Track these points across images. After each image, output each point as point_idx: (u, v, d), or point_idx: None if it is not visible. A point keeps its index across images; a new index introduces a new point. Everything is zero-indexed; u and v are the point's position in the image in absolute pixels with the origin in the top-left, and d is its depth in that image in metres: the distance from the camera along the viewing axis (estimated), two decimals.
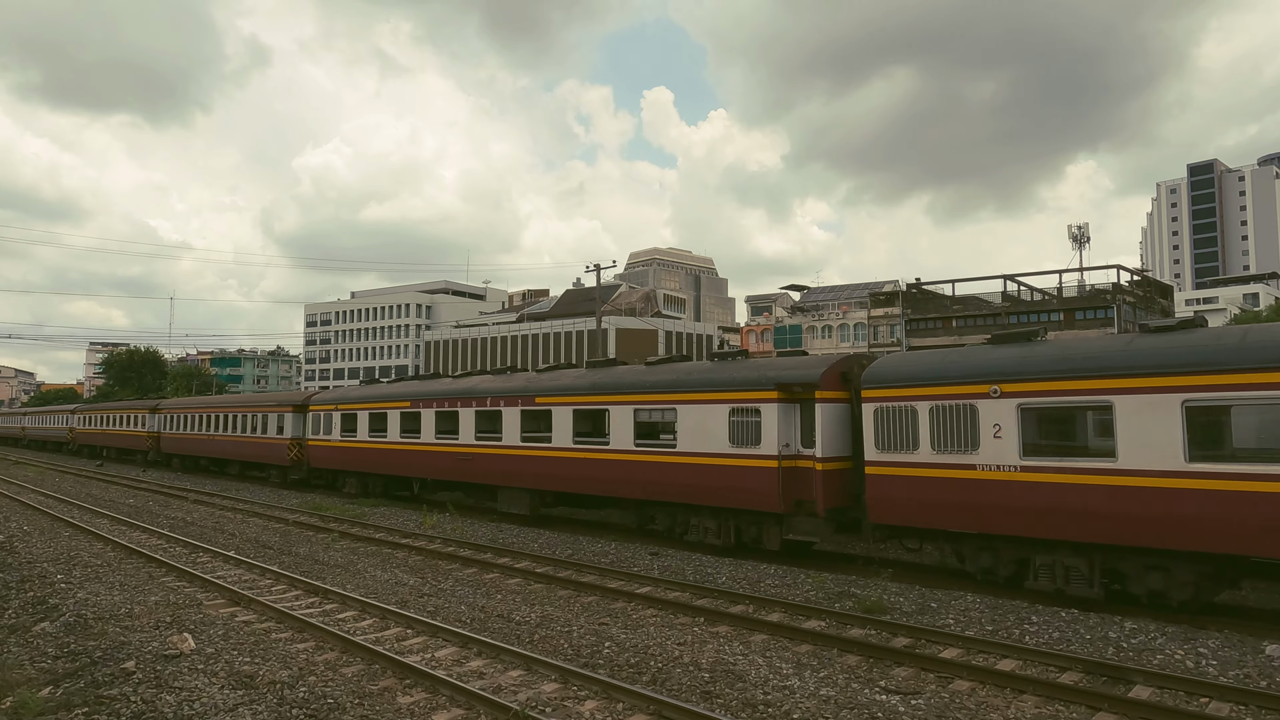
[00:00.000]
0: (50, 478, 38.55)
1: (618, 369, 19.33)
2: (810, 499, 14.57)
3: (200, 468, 40.48)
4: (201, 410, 38.06)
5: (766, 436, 14.92)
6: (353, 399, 27.20)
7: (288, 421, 30.48)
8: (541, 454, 19.60)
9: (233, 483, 34.10)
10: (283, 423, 30.77)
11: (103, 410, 52.01)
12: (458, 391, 22.57)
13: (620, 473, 17.59)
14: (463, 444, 21.93)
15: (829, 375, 14.59)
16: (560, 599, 12.70)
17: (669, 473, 16.64)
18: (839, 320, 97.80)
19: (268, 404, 32.19)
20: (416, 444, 23.69)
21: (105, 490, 31.82)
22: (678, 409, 16.57)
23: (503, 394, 20.95)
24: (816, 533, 14.47)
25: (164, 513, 24.15)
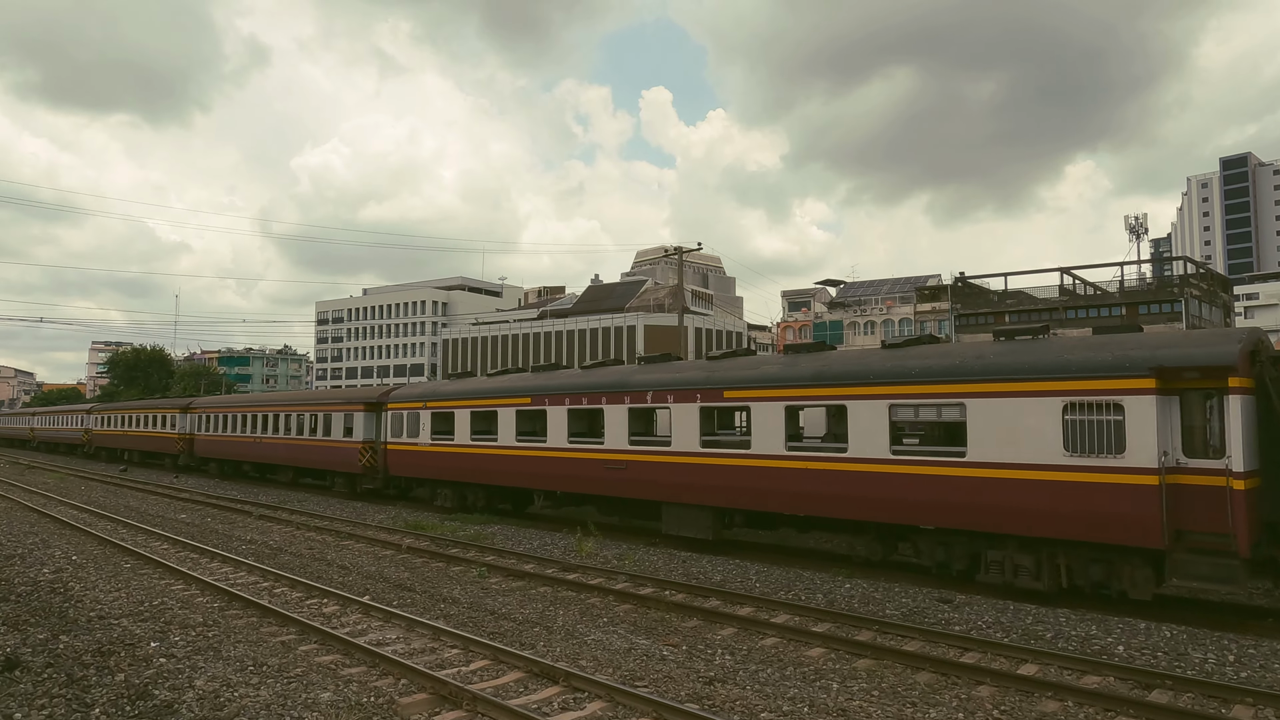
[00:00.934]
0: (74, 485, 34.25)
1: (851, 352, 15.09)
2: (1203, 530, 10.34)
3: (242, 474, 36.19)
4: (246, 409, 33.75)
5: (1136, 441, 10.68)
6: (447, 395, 22.92)
7: (359, 422, 26.20)
8: (733, 463, 15.36)
9: (289, 492, 29.81)
10: (353, 423, 26.48)
11: (124, 410, 47.69)
12: (602, 385, 18.29)
13: (867, 488, 13.36)
14: (611, 449, 17.66)
15: (1244, 355, 10.37)
16: (919, 688, 8.46)
17: (950, 489, 12.41)
18: (883, 315, 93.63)
19: (333, 402, 27.88)
20: (542, 449, 19.41)
21: (144, 501, 27.53)
22: (966, 404, 12.32)
23: (670, 387, 16.69)
24: (1223, 577, 10.22)
25: (233, 533, 19.87)
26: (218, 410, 36.30)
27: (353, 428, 26.56)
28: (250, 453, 33.30)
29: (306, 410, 29.33)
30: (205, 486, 32.86)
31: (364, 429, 26.07)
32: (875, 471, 13.28)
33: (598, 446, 18.06)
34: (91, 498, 28.85)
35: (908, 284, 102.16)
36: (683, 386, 16.44)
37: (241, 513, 23.75)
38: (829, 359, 14.83)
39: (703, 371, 16.44)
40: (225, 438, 35.31)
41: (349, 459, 26.45)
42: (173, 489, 31.82)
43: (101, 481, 36.11)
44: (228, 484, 34.00)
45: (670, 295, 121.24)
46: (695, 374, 16.50)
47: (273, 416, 31.66)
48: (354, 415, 26.49)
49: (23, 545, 17.60)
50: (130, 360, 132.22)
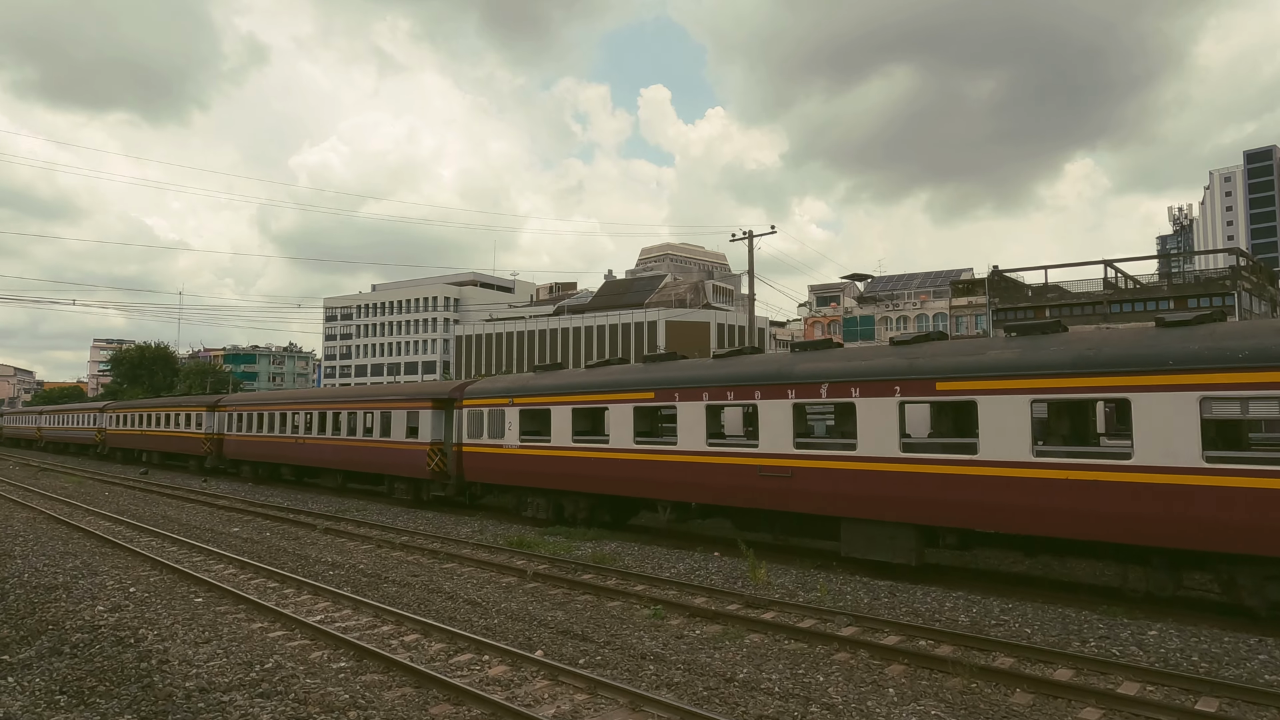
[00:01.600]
0: (95, 490, 31.23)
1: (1127, 329, 12.06)
2: None
3: (278, 478, 33.17)
4: (286, 407, 30.70)
5: None
6: (541, 389, 19.90)
7: (426, 421, 23.19)
8: (950, 472, 12.38)
9: (341, 499, 26.81)
10: (419, 422, 23.48)
11: (143, 409, 44.61)
12: (755, 376, 15.28)
13: (1161, 504, 10.38)
14: (769, 453, 14.65)
15: None
16: None
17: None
18: (916, 310, 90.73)
19: (394, 399, 24.85)
20: (670, 453, 16.42)
21: (182, 510, 24.53)
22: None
23: (854, 378, 13.71)
24: None
25: (305, 552, 16.86)
26: (252, 408, 33.25)
27: (418, 427, 23.54)
28: (290, 455, 30.25)
29: (361, 408, 26.31)
30: (241, 492, 29.83)
31: (432, 429, 23.06)
32: (1178, 484, 10.31)
33: (750, 450, 15.07)
34: (121, 506, 25.83)
35: (938, 278, 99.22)
36: (874, 377, 13.45)
37: (302, 525, 20.74)
38: (1101, 338, 11.83)
39: (901, 359, 13.43)
40: (260, 438, 32.27)
41: (414, 463, 23.44)
42: (208, 495, 28.81)
43: (125, 486, 33.08)
44: (265, 489, 30.97)
45: (691, 291, 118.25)
46: (892, 362, 13.50)
47: (319, 415, 28.64)
48: (420, 414, 23.47)
49: (62, 570, 14.61)
50: (134, 358, 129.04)
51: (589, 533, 18.16)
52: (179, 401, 41.25)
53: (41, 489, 31.76)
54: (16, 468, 45.44)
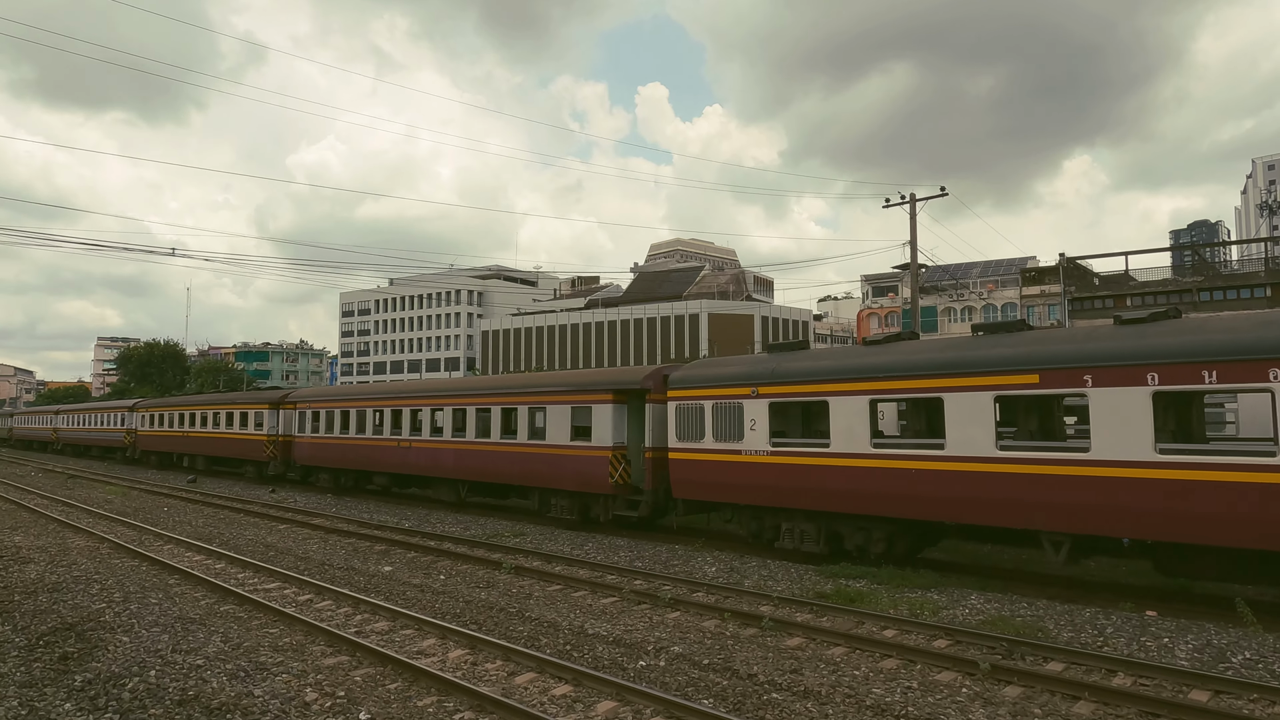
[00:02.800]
0: (149, 505, 25.83)
1: None
2: None
3: (364, 488, 27.79)
4: (383, 403, 25.26)
5: None
6: (807, 374, 14.51)
7: (605, 418, 17.81)
8: None
9: (469, 517, 21.43)
10: (592, 420, 18.09)
11: (185, 407, 39.13)
12: None
13: None
14: None
15: None
16: None
17: None
18: (983, 299, 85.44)
19: (550, 390, 19.39)
20: (1078, 463, 11.08)
21: (281, 535, 19.15)
22: None
23: None
24: None
25: (522, 609, 11.43)
26: (333, 405, 27.81)
27: (591, 426, 18.15)
28: (389, 460, 24.84)
29: (498, 403, 20.89)
30: (328, 505, 24.44)
31: (613, 429, 17.69)
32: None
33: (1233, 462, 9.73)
34: (197, 528, 20.43)
35: (999, 267, 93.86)
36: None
37: (475, 561, 15.31)
38: None
39: None
40: (345, 441, 26.85)
41: (586, 473, 18.05)
42: (294, 511, 23.42)
43: (180, 498, 27.68)
44: (352, 501, 25.59)
45: (732, 282, 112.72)
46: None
47: (432, 412, 23.27)
48: (595, 409, 18.08)
49: (204, 657, 9.22)
50: (143, 356, 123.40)
51: (915, 577, 12.79)
52: (232, 398, 35.81)
53: (83, 502, 26.35)
54: (40, 474, 39.99)
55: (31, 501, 27.08)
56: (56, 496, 28.44)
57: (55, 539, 18.49)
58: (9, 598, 12.83)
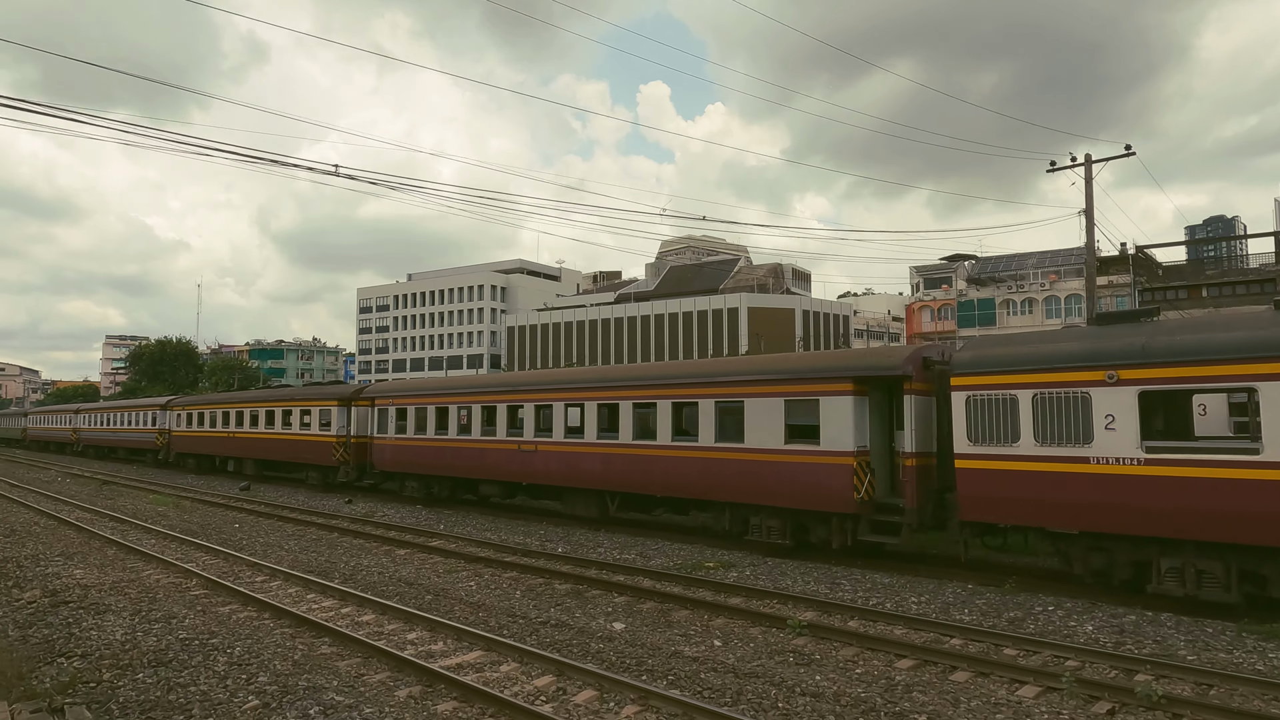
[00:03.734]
0: (211, 519, 21.70)
1: None
2: None
3: (456, 499, 23.65)
4: (496, 398, 21.06)
5: None
6: (1191, 351, 10.33)
7: (845, 414, 13.64)
8: None
9: (631, 538, 17.25)
10: (830, 416, 13.92)
11: (232, 405, 34.96)
12: None
13: None
14: None
15: None
16: None
17: None
18: (1045, 291, 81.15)
19: (777, 376, 15.13)
20: None
21: (419, 569, 14.97)
22: None
23: None
24: None
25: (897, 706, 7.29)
26: (424, 400, 23.62)
27: (820, 426, 13.97)
28: (505, 466, 20.65)
29: (667, 396, 16.67)
30: (434, 520, 20.29)
31: (853, 428, 13.51)
32: None
33: None
34: (294, 553, 16.26)
35: (1055, 257, 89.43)
36: None
37: (725, 611, 11.10)
38: None
39: None
40: (443, 443, 22.68)
41: (815, 486, 13.86)
42: (396, 528, 19.24)
43: (240, 509, 23.52)
44: (457, 514, 21.43)
45: (770, 274, 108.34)
46: None
47: (567, 409, 19.09)
48: (829, 403, 13.90)
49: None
50: (155, 354, 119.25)
51: None
52: (292, 394, 31.61)
53: (132, 515, 22.23)
54: (67, 479, 35.88)
55: (72, 514, 22.96)
56: (97, 508, 24.32)
57: (125, 571, 14.35)
58: (94, 674, 8.72)
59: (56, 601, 12.03)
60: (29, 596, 12.40)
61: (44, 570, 14.40)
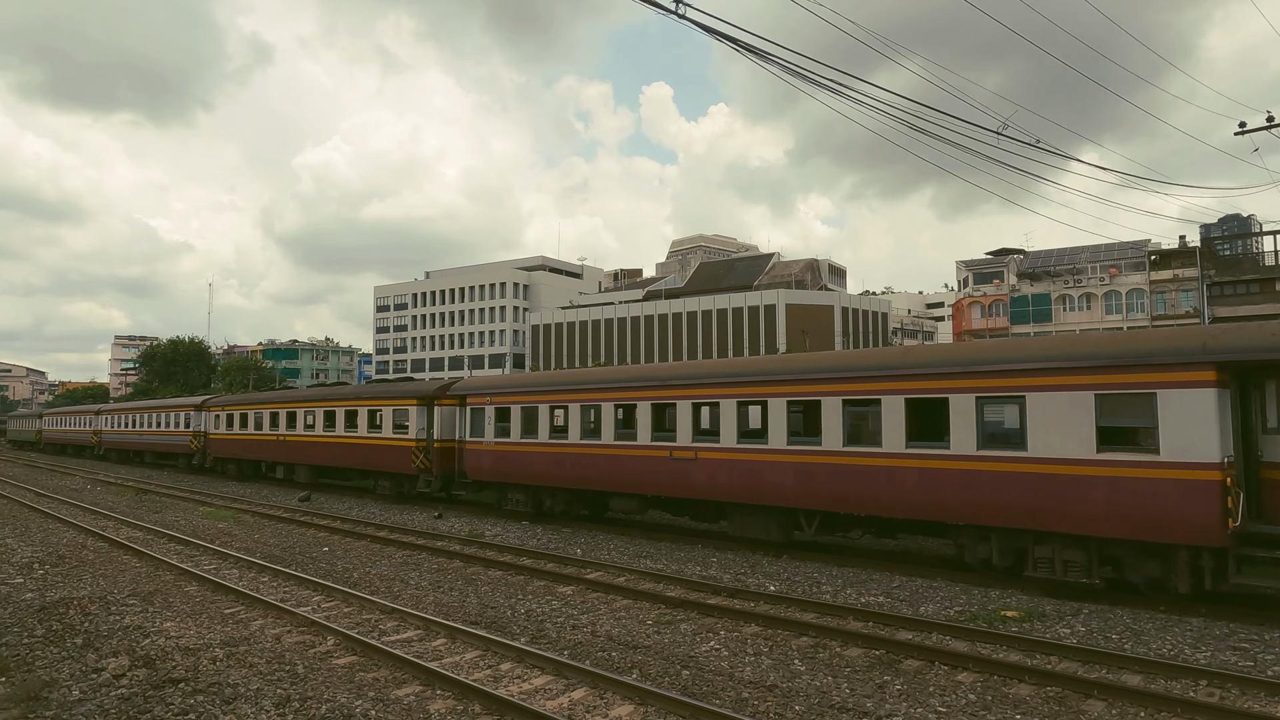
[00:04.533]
0: (287, 539, 18.18)
1: None
2: None
3: (572, 514, 20.07)
4: (638, 395, 17.46)
5: None
6: None
7: (1203, 410, 10.06)
8: None
9: (830, 566, 13.66)
10: (1194, 411, 10.35)
11: (278, 405, 31.38)
12: None
13: None
14: None
15: None
16: None
17: None
18: (1104, 285, 77.41)
19: (1081, 363, 11.52)
20: None
21: (631, 624, 11.40)
22: None
23: None
24: None
25: None
26: (537, 397, 20.04)
27: (1161, 427, 10.40)
28: (648, 477, 17.09)
29: (881, 391, 13.08)
30: (560, 541, 16.76)
31: (1219, 430, 9.93)
32: None
33: None
34: (435, 595, 12.71)
35: (1110, 251, 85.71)
36: None
37: (1131, 697, 7.55)
38: None
39: None
40: (563, 449, 19.13)
41: (1164, 510, 10.29)
42: (528, 553, 15.66)
43: (316, 526, 19.98)
44: (588, 534, 17.89)
45: (806, 270, 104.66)
46: None
47: (740, 407, 15.52)
48: (1171, 398, 10.33)
49: None
50: (168, 354, 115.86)
51: None
52: (358, 392, 28.01)
53: (192, 534, 18.71)
54: (97, 488, 32.39)
55: (120, 532, 19.46)
56: (145, 523, 20.83)
57: (226, 622, 10.81)
58: None
59: (158, 678, 8.50)
60: (114, 667, 8.88)
61: (120, 621, 10.87)
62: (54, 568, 14.92)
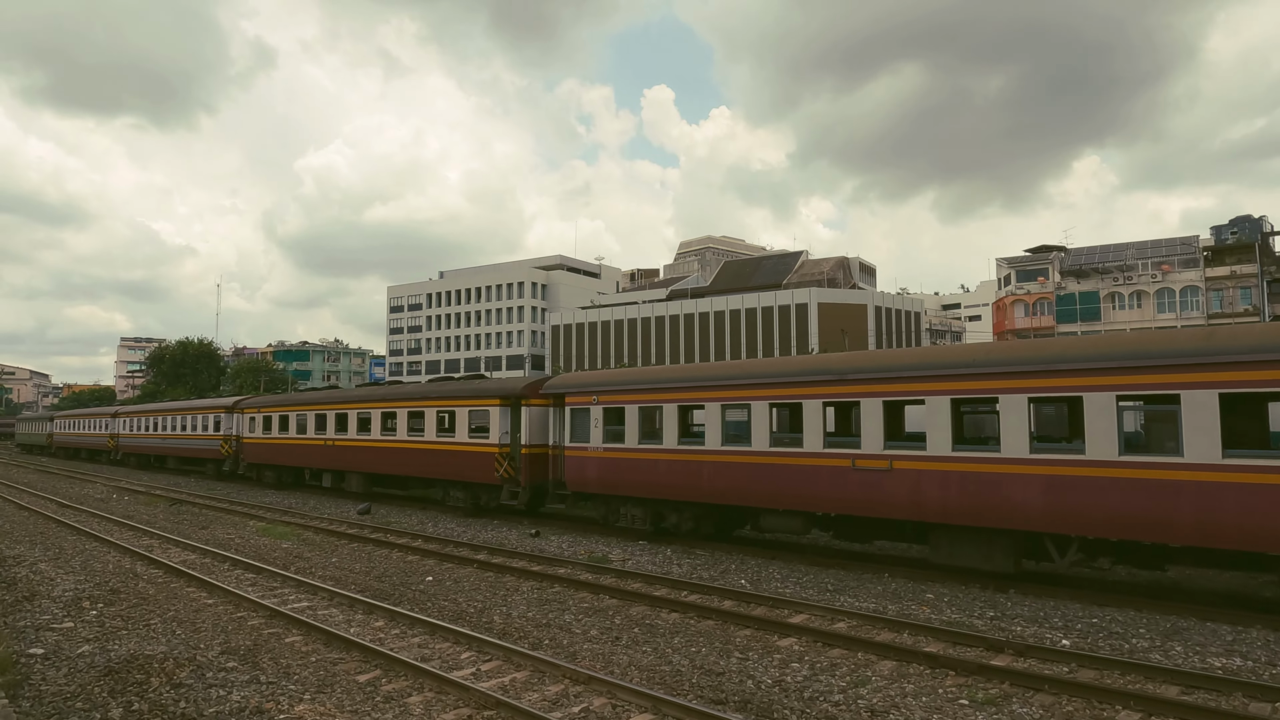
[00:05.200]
0: (376, 564, 15.24)
1: None
2: None
3: (700, 532, 17.06)
4: (807, 391, 14.41)
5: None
6: None
7: None
8: None
9: (1091, 606, 10.72)
10: None
11: (325, 407, 28.38)
12: None
13: None
14: None
15: None
16: None
17: None
18: (1156, 283, 74.35)
19: None
20: None
21: (879, 690, 8.42)
22: None
23: None
24: None
25: None
26: (680, 396, 17.04)
27: None
28: (821, 489, 14.08)
29: None
30: (723, 568, 13.79)
31: None
32: None
33: None
34: (599, 645, 9.72)
35: (1157, 247, 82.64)
36: None
37: None
38: None
39: None
40: (725, 457, 16.13)
41: None
42: (685, 585, 12.65)
43: (386, 544, 16.98)
44: (736, 556, 14.92)
45: (837, 268, 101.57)
46: None
47: (955, 407, 12.56)
48: None
49: None
50: (177, 355, 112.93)
51: None
52: (423, 391, 25.02)
53: (261, 559, 15.75)
54: (124, 497, 29.43)
55: (169, 553, 16.50)
56: (193, 541, 17.89)
57: (384, 709, 7.82)
58: None
59: None
60: None
61: (229, 699, 7.88)
62: (109, 606, 11.95)
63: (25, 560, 16.03)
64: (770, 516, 15.29)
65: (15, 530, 20.53)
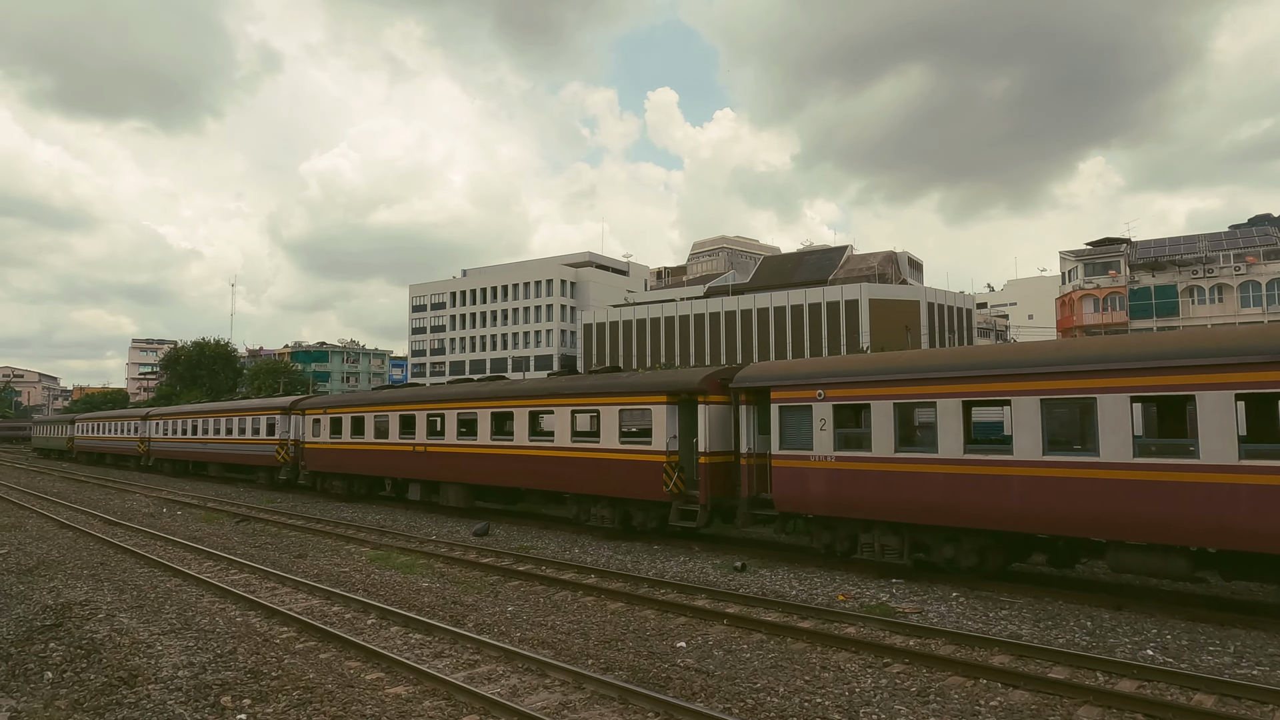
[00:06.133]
0: (559, 615, 11.15)
1: None
2: None
3: (982, 567, 12.94)
4: (1127, 380, 10.28)
5: None
6: None
7: None
8: None
9: None
10: None
11: (408, 406, 24.21)
12: None
13: None
14: None
15: None
16: None
17: None
18: (1240, 275, 69.96)
19: None
20: None
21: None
22: None
23: None
24: None
25: None
26: (951, 389, 12.88)
27: None
28: (1200, 514, 9.93)
29: None
30: (1038, 625, 9.71)
31: None
32: None
33: None
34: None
35: (1233, 238, 78.21)
36: None
37: None
38: None
39: None
40: (1057, 471, 11.97)
41: None
42: (996, 644, 8.55)
43: (542, 578, 12.89)
44: (1044, 601, 10.84)
45: (886, 263, 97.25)
46: None
47: None
48: None
49: None
50: (193, 357, 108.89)
51: None
52: (543, 388, 20.84)
53: (407, 607, 11.66)
54: (176, 511, 25.38)
55: (290, 601, 12.41)
56: (304, 578, 13.81)
57: None
58: None
59: None
60: None
61: None
62: (261, 703, 7.84)
63: (98, 610, 11.94)
64: (1126, 553, 11.10)
65: (67, 559, 16.47)
